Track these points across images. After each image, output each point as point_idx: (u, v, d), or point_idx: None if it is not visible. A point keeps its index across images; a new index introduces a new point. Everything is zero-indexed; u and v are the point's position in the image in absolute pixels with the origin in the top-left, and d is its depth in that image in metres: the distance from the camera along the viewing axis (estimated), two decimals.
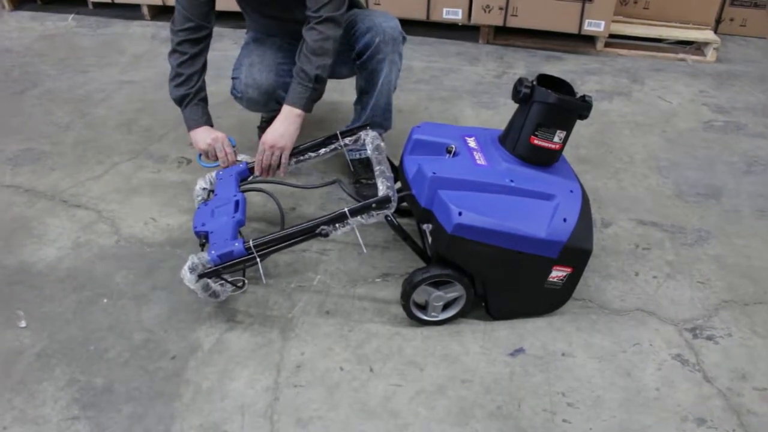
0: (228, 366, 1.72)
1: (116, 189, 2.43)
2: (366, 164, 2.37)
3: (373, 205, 1.71)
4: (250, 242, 1.71)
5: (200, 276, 1.71)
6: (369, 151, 1.96)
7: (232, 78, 2.27)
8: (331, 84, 3.17)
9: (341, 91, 3.07)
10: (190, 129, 2.11)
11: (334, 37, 1.98)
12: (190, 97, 2.08)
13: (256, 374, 1.70)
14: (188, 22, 2.03)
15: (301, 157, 2.08)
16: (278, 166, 2.02)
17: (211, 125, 2.13)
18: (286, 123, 1.98)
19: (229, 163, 2.09)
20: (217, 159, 2.10)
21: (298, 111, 1.99)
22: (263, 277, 1.85)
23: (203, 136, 2.09)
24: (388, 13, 2.21)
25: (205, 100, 2.13)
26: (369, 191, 2.32)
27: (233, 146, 2.12)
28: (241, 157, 2.11)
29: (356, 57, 2.23)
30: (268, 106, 2.32)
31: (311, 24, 1.95)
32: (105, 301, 1.92)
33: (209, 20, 2.08)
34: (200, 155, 2.14)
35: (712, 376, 1.74)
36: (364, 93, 2.32)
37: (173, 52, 2.07)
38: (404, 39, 2.24)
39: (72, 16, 4.21)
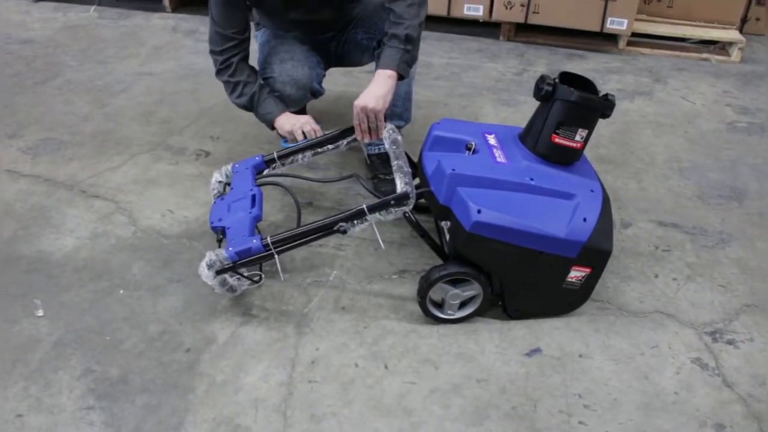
0: (242, 360, 1.72)
1: (134, 180, 2.44)
2: (384, 159, 2.36)
3: (392, 202, 1.70)
4: (268, 239, 1.70)
5: (217, 272, 1.70)
6: (387, 145, 1.95)
7: (264, 78, 2.20)
8: (349, 77, 3.18)
9: (360, 85, 3.06)
10: (273, 120, 2.12)
11: (420, 1, 1.98)
12: (257, 94, 2.09)
13: (270, 369, 1.70)
14: (229, 42, 2.05)
15: (319, 150, 2.07)
16: (376, 128, 1.98)
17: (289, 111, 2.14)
18: (378, 85, 1.94)
19: (315, 134, 2.08)
20: (303, 138, 2.08)
21: (389, 72, 1.95)
22: (281, 274, 1.85)
23: (286, 121, 2.10)
24: None
25: (271, 92, 2.14)
26: (387, 187, 2.31)
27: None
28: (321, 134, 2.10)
29: (376, 46, 2.23)
30: (303, 101, 2.30)
31: None
32: (121, 292, 1.93)
33: (247, 27, 2.09)
34: (285, 140, 2.13)
35: (732, 381, 1.71)
36: None
37: (221, 70, 2.10)
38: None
39: (94, 7, 4.23)
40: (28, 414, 1.56)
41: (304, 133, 2.06)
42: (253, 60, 2.20)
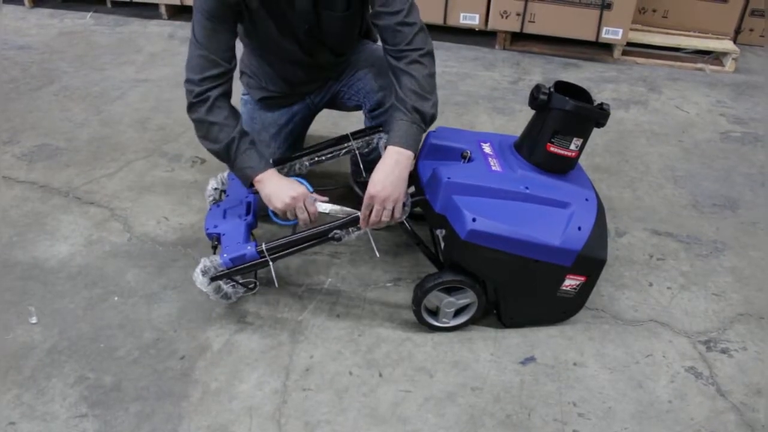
0: (237, 367, 1.72)
1: (129, 187, 2.44)
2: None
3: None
4: (263, 246, 1.70)
5: (212, 279, 1.70)
6: (382, 154, 1.94)
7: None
8: None
9: None
10: (252, 178, 1.72)
11: (435, 72, 1.76)
12: (236, 141, 1.71)
13: (264, 376, 1.70)
14: (212, 68, 1.69)
15: (317, 159, 2.06)
16: (390, 218, 1.69)
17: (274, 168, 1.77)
18: (398, 168, 1.65)
19: (312, 223, 1.74)
20: (296, 217, 1.74)
21: (409, 153, 1.67)
22: (276, 281, 1.85)
23: (277, 190, 1.70)
24: None
25: (254, 143, 1.77)
26: None
27: (311, 194, 1.75)
28: (323, 208, 1.74)
29: (369, 110, 2.07)
30: None
31: (413, 57, 1.70)
32: (116, 299, 1.93)
33: (233, 56, 1.76)
34: (273, 212, 1.76)
35: (726, 390, 1.72)
36: (375, 107, 2.12)
37: (194, 104, 1.71)
38: None
39: (90, 13, 4.24)
40: (20, 421, 1.56)
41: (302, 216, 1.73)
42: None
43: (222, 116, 1.71)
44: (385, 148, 1.69)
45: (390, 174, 1.65)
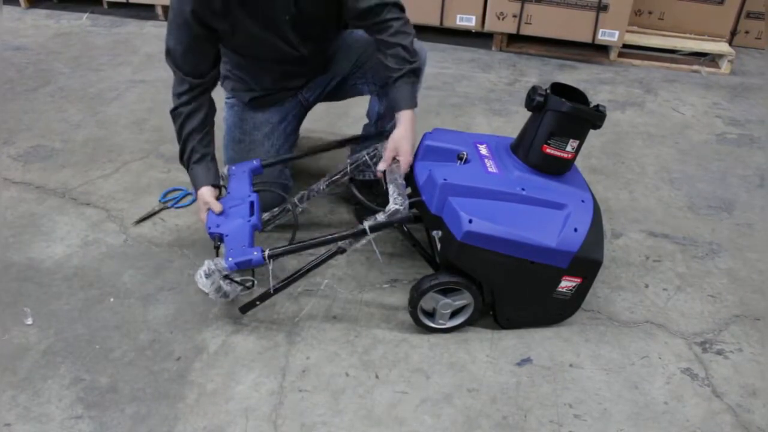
0: (233, 369, 1.72)
1: (126, 188, 2.44)
2: (368, 186, 2.26)
3: (395, 225, 1.70)
4: (267, 252, 1.68)
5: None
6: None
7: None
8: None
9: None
10: (195, 190, 1.89)
11: (414, 33, 1.94)
12: (188, 153, 1.88)
13: (261, 378, 1.70)
14: (183, 84, 1.86)
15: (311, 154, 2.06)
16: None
17: (216, 184, 1.88)
18: (410, 126, 1.86)
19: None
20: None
21: (415, 111, 1.89)
22: (272, 282, 1.84)
23: (199, 200, 1.86)
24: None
25: (207, 155, 1.90)
26: (369, 215, 2.20)
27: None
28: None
29: (381, 86, 2.14)
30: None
31: (396, 27, 1.87)
32: (112, 300, 1.92)
33: (209, 74, 1.89)
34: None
35: (721, 392, 1.72)
36: (382, 117, 2.21)
37: (172, 111, 1.90)
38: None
39: (87, 14, 4.23)
40: (16, 423, 1.55)
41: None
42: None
43: (186, 131, 1.87)
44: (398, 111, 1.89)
45: (406, 132, 1.85)
